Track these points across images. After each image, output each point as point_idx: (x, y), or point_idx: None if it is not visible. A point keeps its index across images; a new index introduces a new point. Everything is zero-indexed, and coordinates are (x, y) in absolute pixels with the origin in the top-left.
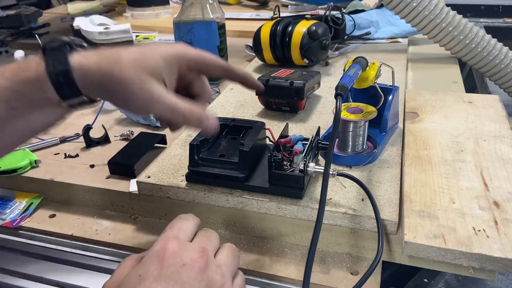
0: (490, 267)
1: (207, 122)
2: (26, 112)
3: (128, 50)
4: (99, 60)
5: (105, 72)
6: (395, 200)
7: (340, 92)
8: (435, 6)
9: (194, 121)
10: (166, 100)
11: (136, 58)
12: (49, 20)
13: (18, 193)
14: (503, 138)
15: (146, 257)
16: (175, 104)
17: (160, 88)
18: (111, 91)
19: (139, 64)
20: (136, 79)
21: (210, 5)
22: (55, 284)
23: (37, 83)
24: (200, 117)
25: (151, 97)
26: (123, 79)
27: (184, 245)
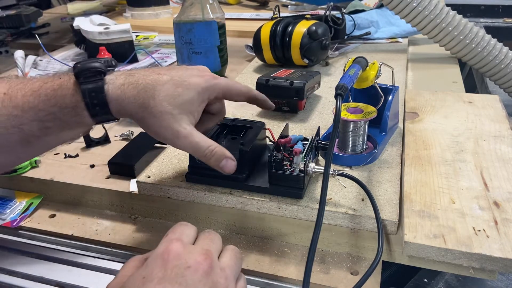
0: (490, 267)
1: (224, 163)
2: (58, 131)
3: (163, 82)
4: (136, 93)
5: (141, 105)
6: (395, 200)
7: (340, 92)
8: (435, 6)
9: (213, 161)
10: (190, 139)
11: (171, 94)
12: (49, 20)
13: (18, 193)
14: (503, 138)
15: (149, 259)
16: (198, 144)
17: (187, 127)
18: (143, 121)
19: (173, 100)
20: (169, 116)
21: (210, 5)
22: (55, 284)
23: (74, 110)
24: (219, 158)
25: (178, 135)
26: (156, 114)
27: (188, 247)
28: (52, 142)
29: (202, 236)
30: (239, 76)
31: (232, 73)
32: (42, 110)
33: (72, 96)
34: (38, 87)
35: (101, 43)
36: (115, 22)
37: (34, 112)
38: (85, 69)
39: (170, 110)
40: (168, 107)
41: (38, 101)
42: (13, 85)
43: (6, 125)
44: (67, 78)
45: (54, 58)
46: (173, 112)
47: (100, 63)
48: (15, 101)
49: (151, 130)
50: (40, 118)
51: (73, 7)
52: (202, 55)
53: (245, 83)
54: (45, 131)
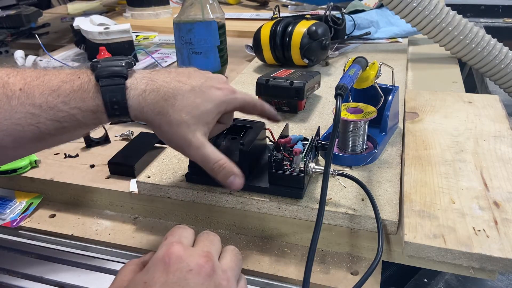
0: (490, 267)
1: (233, 178)
2: (74, 130)
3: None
4: (156, 100)
5: (159, 112)
6: (395, 200)
7: (340, 92)
8: (435, 6)
9: (221, 175)
10: (202, 151)
11: (190, 105)
12: (49, 20)
13: (18, 193)
14: (503, 138)
15: (150, 263)
16: (208, 156)
17: (201, 138)
18: (159, 128)
19: (191, 110)
20: (184, 125)
21: (210, 5)
22: (55, 284)
23: (93, 113)
24: (228, 173)
25: (190, 145)
26: (173, 123)
27: (189, 250)
28: (65, 139)
29: (201, 237)
30: (239, 76)
31: (232, 73)
32: (61, 111)
33: (93, 100)
34: (57, 86)
35: (101, 43)
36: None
37: (53, 112)
38: (106, 72)
39: (187, 120)
40: (185, 117)
41: (57, 102)
42: (29, 81)
43: (22, 123)
44: (87, 80)
45: (54, 58)
46: (189, 122)
47: (121, 66)
48: (32, 99)
49: (164, 137)
50: (59, 118)
51: (73, 7)
52: (202, 55)
53: (245, 83)
54: (61, 130)
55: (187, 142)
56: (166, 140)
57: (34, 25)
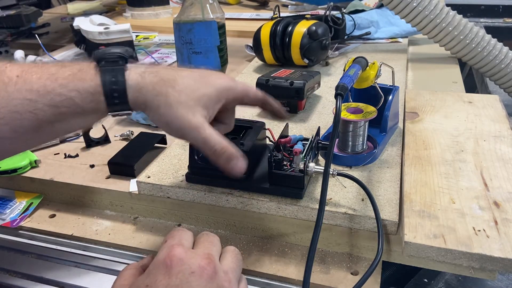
0: (490, 267)
1: (235, 161)
2: (72, 117)
3: (184, 76)
4: (156, 80)
5: (158, 93)
6: (395, 200)
7: (340, 92)
8: (435, 6)
9: (223, 158)
10: (201, 131)
11: (190, 87)
12: (49, 20)
13: (18, 193)
14: (503, 138)
15: (151, 266)
16: (209, 137)
17: (200, 119)
18: (157, 111)
19: (192, 92)
20: (184, 106)
21: (210, 5)
22: (55, 284)
23: (92, 95)
24: (230, 155)
25: (189, 125)
26: (172, 103)
27: (190, 252)
28: (62, 129)
29: (201, 239)
30: (239, 76)
31: (232, 73)
32: (59, 94)
33: (91, 81)
34: (55, 70)
35: (101, 43)
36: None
37: (51, 96)
38: (106, 53)
39: (187, 101)
40: (185, 98)
41: (55, 85)
42: (26, 68)
43: (20, 110)
44: (87, 64)
45: (54, 58)
46: (189, 103)
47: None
48: (29, 84)
49: (162, 120)
50: (56, 103)
51: (73, 7)
52: (202, 55)
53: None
54: (59, 116)
55: (187, 123)
56: (165, 123)
57: (34, 25)
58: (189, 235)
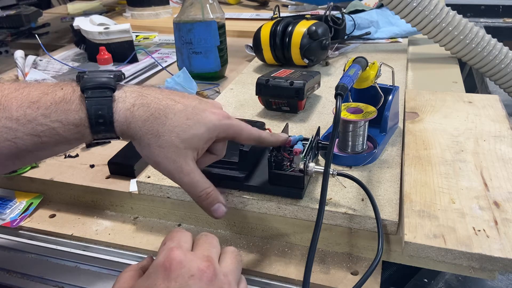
0: (490, 267)
1: (217, 206)
2: (54, 146)
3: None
4: (146, 116)
5: (149, 131)
6: (395, 200)
7: (340, 92)
8: (435, 6)
9: (205, 204)
10: (191, 177)
11: (181, 126)
12: (49, 20)
13: (18, 193)
14: (503, 138)
15: (151, 269)
16: (196, 183)
17: (191, 165)
18: (147, 148)
19: (183, 132)
20: (175, 149)
21: (210, 5)
22: (55, 284)
23: (75, 127)
24: (212, 202)
25: (180, 170)
26: (163, 144)
27: (189, 255)
28: (43, 156)
29: (200, 240)
30: (239, 76)
31: (232, 73)
32: (41, 124)
33: (76, 113)
34: (37, 98)
35: (101, 43)
36: (115, 22)
37: (32, 126)
38: (92, 83)
39: (178, 143)
40: (176, 140)
41: (36, 114)
42: (6, 93)
43: None
44: (71, 91)
45: (54, 58)
46: (179, 145)
47: (109, 77)
48: (9, 112)
49: (152, 159)
50: (38, 133)
51: (73, 7)
52: (202, 55)
53: (245, 83)
54: (40, 146)
55: (178, 167)
56: (154, 162)
57: (34, 25)
58: (188, 236)
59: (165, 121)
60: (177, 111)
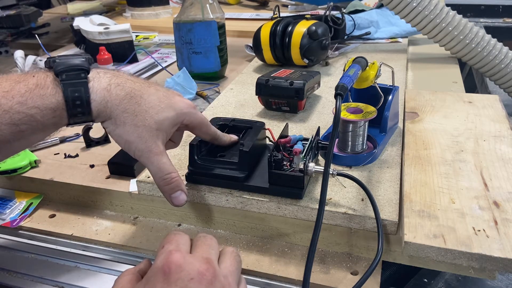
0: (490, 267)
1: (178, 194)
2: (31, 134)
3: (150, 93)
4: (122, 95)
5: (125, 110)
6: (395, 200)
7: (340, 92)
8: (435, 6)
9: (168, 188)
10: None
11: (155, 108)
12: (49, 20)
13: (18, 193)
14: (503, 138)
15: (150, 273)
16: (163, 166)
17: (161, 146)
18: (122, 127)
19: (156, 114)
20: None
21: (210, 5)
22: (55, 284)
23: (53, 111)
24: (175, 187)
25: (150, 150)
26: (138, 123)
27: (188, 257)
28: (20, 147)
29: (198, 242)
30: (239, 76)
31: (232, 73)
32: (18, 112)
33: (53, 96)
34: (10, 87)
35: (101, 43)
36: (115, 22)
37: (9, 115)
38: (66, 66)
39: (151, 124)
40: (150, 120)
41: (12, 103)
42: None
43: None
44: (43, 76)
45: None
46: (153, 126)
47: (82, 60)
48: None
49: (124, 137)
50: (15, 121)
51: (73, 7)
52: (202, 55)
53: (245, 83)
54: (18, 134)
55: (148, 147)
56: (125, 141)
57: (34, 25)
58: (186, 238)
59: (140, 101)
60: (151, 93)
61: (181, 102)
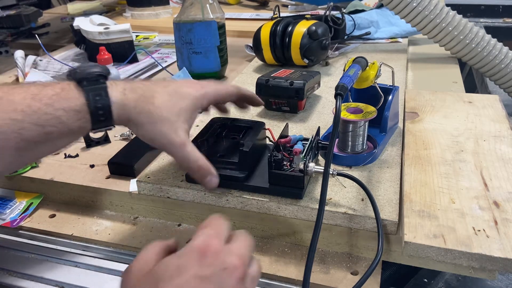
0: (490, 267)
1: (210, 178)
2: (58, 138)
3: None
4: (136, 97)
5: (141, 110)
6: (395, 200)
7: (340, 92)
8: (435, 6)
9: (199, 175)
10: (183, 149)
11: (168, 102)
12: (49, 20)
13: (18, 193)
14: (503, 138)
15: (186, 249)
16: (188, 155)
17: (183, 136)
18: (142, 127)
19: (171, 108)
20: (167, 123)
21: (210, 5)
22: (55, 284)
23: (77, 113)
24: (205, 172)
25: (173, 143)
26: (156, 120)
27: (226, 248)
28: (46, 150)
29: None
30: (239, 76)
31: (232, 73)
32: (46, 113)
33: (77, 99)
34: (38, 91)
35: (101, 43)
36: (115, 22)
37: (37, 116)
38: (86, 73)
39: (169, 117)
40: (166, 114)
41: (40, 105)
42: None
43: (5, 130)
44: (67, 83)
45: (54, 58)
46: (171, 119)
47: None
48: (13, 105)
49: (147, 136)
50: (43, 122)
51: (73, 7)
52: (202, 55)
53: (245, 83)
54: (44, 136)
55: (170, 140)
56: (149, 139)
57: (34, 25)
58: (226, 227)
59: (153, 100)
60: (160, 91)
61: (189, 88)
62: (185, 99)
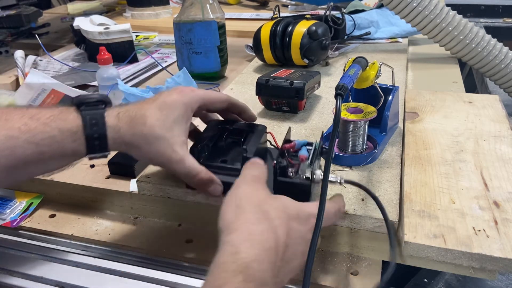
0: (490, 267)
1: (213, 187)
2: (50, 158)
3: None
4: (129, 120)
5: (134, 133)
6: (395, 200)
7: (340, 92)
8: (435, 6)
9: (201, 188)
10: (182, 165)
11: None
12: (49, 20)
13: (18, 193)
14: (503, 138)
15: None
16: (189, 168)
17: (180, 152)
18: (138, 149)
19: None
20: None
21: (210, 5)
22: (55, 284)
23: (73, 134)
24: (207, 184)
25: (171, 160)
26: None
27: None
28: (36, 171)
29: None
30: (239, 76)
31: (232, 73)
32: (41, 132)
33: (73, 121)
34: (36, 112)
35: (101, 43)
36: (115, 22)
37: (33, 134)
38: (86, 98)
39: (163, 135)
40: (160, 132)
41: (37, 124)
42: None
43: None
44: (67, 107)
45: (54, 58)
46: (166, 136)
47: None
48: (11, 123)
49: (145, 157)
50: (37, 141)
51: (73, 7)
52: (202, 55)
53: (245, 83)
54: (37, 156)
55: (168, 159)
56: (148, 159)
57: (34, 25)
58: None
59: (145, 120)
60: (150, 108)
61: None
62: (175, 109)
